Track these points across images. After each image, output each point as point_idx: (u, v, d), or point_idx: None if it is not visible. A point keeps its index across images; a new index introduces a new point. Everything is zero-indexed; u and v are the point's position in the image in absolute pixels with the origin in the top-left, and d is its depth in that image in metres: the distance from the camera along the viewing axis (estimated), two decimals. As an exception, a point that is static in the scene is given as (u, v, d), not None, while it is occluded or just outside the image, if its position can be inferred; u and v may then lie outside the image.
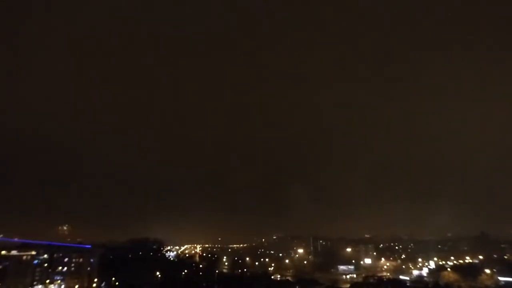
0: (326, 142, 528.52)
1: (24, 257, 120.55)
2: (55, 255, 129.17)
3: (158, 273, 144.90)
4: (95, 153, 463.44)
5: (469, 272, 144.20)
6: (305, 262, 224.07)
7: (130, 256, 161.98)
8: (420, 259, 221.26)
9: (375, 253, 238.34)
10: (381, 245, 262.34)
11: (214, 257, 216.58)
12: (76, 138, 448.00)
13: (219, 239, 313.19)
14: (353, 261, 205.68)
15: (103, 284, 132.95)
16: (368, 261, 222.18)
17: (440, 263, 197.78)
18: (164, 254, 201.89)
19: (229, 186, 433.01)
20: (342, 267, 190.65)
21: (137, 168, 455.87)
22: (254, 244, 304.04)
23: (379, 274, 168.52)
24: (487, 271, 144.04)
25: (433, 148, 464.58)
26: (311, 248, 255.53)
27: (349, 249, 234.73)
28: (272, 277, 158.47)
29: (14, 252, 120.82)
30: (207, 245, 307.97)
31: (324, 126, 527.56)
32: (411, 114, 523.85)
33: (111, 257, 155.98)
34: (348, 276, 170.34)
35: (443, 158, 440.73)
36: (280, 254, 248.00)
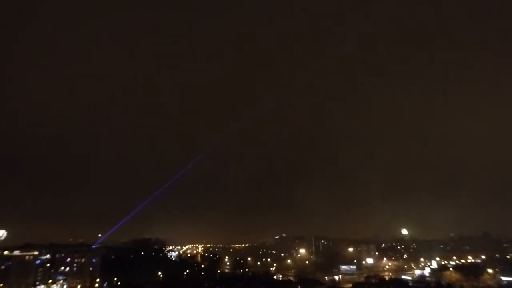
0: (329, 143, 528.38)
1: (27, 257, 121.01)
2: (57, 255, 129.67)
3: (160, 273, 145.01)
4: (96, 153, 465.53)
5: (471, 271, 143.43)
6: (307, 262, 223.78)
7: (132, 256, 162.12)
8: (422, 259, 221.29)
9: (377, 253, 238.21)
10: (383, 245, 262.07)
11: (216, 257, 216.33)
12: (77, 139, 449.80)
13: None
14: (355, 261, 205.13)
15: (105, 284, 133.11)
16: (370, 261, 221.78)
17: (442, 262, 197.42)
18: (166, 254, 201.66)
19: (231, 186, 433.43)
20: (344, 267, 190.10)
21: (138, 167, 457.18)
22: (256, 244, 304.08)
23: (381, 274, 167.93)
24: (490, 270, 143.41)
25: (435, 148, 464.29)
26: (313, 248, 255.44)
27: (351, 249, 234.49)
28: (274, 277, 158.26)
29: (16, 252, 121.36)
30: (209, 245, 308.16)
31: (328, 127, 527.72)
32: (414, 116, 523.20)
33: (113, 257, 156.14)
34: (338, 277, 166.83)
35: (445, 158, 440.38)
36: (282, 254, 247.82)
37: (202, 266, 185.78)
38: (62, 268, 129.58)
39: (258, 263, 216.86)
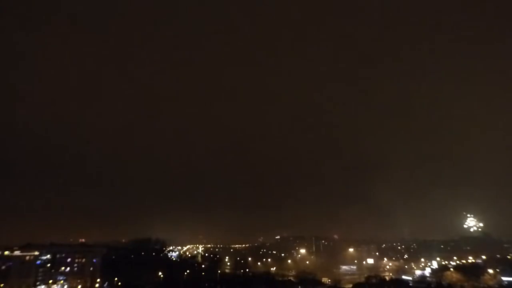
0: (329, 143, 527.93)
1: (27, 257, 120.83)
2: (58, 256, 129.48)
3: (160, 273, 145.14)
4: (97, 153, 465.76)
5: (472, 272, 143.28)
6: (307, 262, 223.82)
7: (132, 256, 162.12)
8: (422, 259, 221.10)
9: (377, 253, 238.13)
10: (384, 245, 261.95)
11: (216, 257, 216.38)
12: (78, 140, 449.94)
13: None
14: (356, 261, 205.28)
15: (105, 284, 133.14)
16: (370, 261, 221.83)
17: (443, 263, 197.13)
18: (167, 254, 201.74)
19: (231, 187, 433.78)
20: (344, 267, 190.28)
21: (139, 167, 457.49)
22: (256, 244, 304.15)
23: (382, 274, 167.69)
24: (490, 271, 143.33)
25: (437, 148, 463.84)
26: (314, 248, 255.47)
27: (351, 249, 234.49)
28: (275, 277, 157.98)
29: (17, 253, 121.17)
30: (209, 245, 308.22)
31: (329, 125, 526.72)
32: (414, 115, 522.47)
33: (113, 257, 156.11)
34: (327, 280, 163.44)
35: (446, 158, 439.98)
36: (283, 254, 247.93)
37: (203, 266, 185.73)
38: (63, 268, 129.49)
39: (259, 263, 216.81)
